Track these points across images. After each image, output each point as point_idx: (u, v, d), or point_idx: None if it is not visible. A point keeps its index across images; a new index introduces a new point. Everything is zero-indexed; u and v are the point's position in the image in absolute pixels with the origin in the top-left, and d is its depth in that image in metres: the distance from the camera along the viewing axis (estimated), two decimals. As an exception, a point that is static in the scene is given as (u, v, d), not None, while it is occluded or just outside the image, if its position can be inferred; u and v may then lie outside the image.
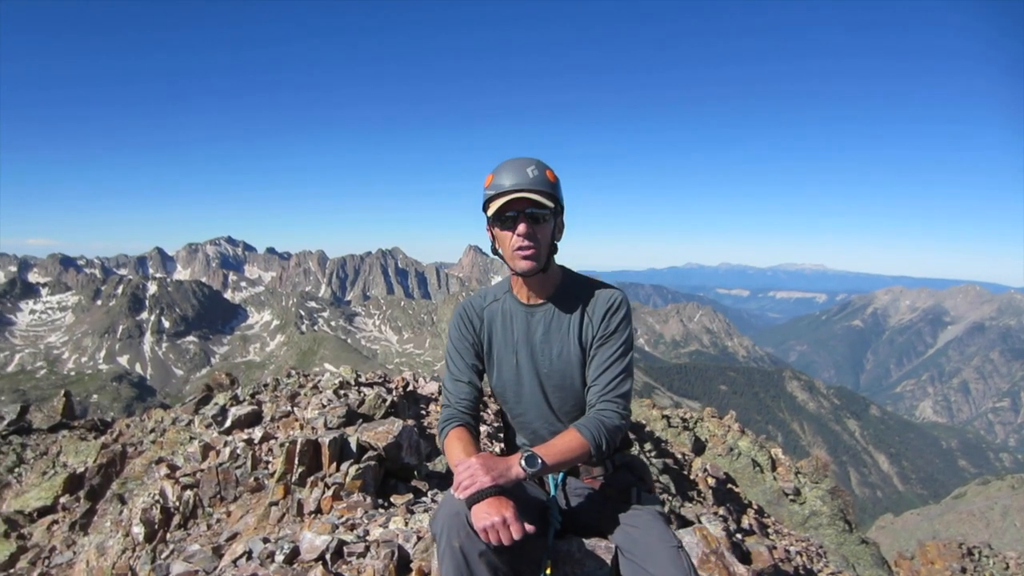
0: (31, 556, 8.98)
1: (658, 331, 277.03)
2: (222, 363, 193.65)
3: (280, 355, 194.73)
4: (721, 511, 9.58)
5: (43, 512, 10.09)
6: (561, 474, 2.52)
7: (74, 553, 8.01)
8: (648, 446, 10.95)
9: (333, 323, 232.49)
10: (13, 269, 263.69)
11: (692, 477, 10.96)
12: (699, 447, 12.95)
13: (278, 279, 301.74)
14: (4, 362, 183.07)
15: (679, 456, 11.83)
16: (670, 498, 8.93)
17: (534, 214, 2.31)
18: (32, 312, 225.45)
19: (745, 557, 7.64)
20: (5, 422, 13.88)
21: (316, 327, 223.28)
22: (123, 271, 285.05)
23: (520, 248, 2.33)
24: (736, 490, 11.66)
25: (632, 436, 10.92)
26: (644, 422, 13.07)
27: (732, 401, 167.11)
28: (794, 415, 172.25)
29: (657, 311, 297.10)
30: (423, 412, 7.34)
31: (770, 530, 10.39)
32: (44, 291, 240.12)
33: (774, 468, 12.77)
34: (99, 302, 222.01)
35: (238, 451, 5.45)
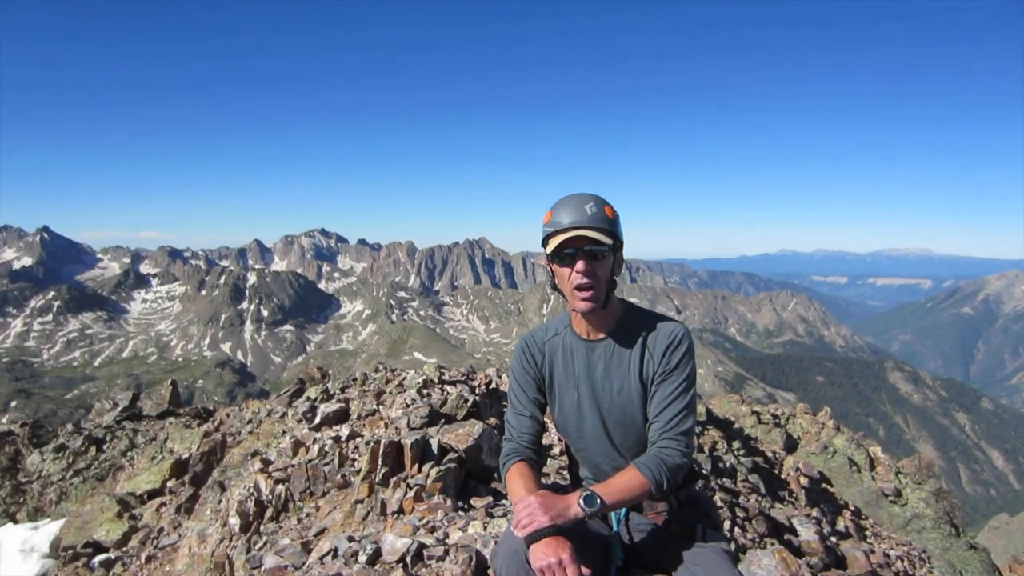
0: (141, 536, 9.62)
1: (750, 320, 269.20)
2: (316, 351, 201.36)
3: (371, 344, 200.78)
4: (815, 513, 9.23)
5: (152, 494, 10.78)
6: (624, 509, 2.46)
7: (179, 536, 8.52)
8: (736, 444, 10.66)
9: (422, 312, 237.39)
10: (127, 261, 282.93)
11: (783, 476, 10.61)
12: (791, 445, 12.51)
13: (369, 270, 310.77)
14: (119, 348, 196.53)
15: (769, 454, 11.47)
16: (760, 498, 8.67)
17: (593, 251, 2.29)
18: (144, 301, 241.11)
19: (840, 562, 7.34)
20: (119, 409, 14.89)
21: (406, 316, 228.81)
22: (225, 262, 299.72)
23: (579, 286, 2.31)
24: (831, 490, 11.21)
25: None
26: (732, 418, 12.72)
27: (829, 393, 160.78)
28: (897, 408, 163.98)
29: (749, 300, 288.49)
30: (505, 410, 7.38)
31: (868, 533, 9.94)
32: (154, 281, 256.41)
33: (872, 467, 12.19)
34: (203, 292, 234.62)
35: (326, 448, 5.63)
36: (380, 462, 4.70)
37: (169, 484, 10.74)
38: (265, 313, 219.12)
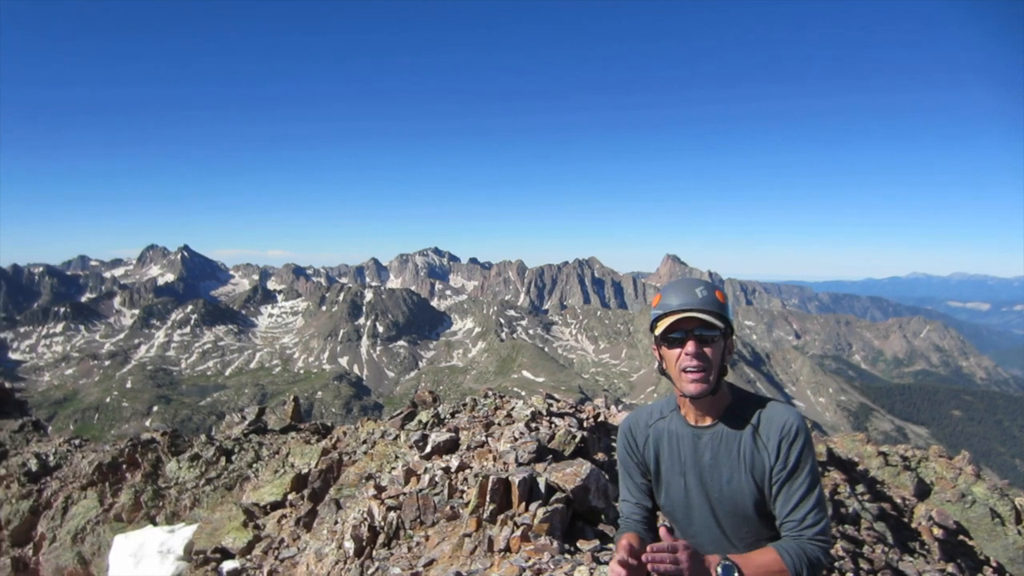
0: (264, 545, 10.15)
1: (877, 347, 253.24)
2: (428, 367, 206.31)
3: (481, 361, 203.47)
4: (950, 568, 8.55)
5: (274, 506, 11.38)
6: None
7: (298, 549, 8.92)
8: (861, 488, 10.04)
9: (531, 331, 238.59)
10: (256, 278, 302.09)
11: (914, 526, 9.89)
12: (923, 491, 11.63)
13: (480, 288, 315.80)
14: (248, 359, 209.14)
15: (898, 501, 10.72)
16: (887, 549, 8.11)
17: (703, 335, 2.28)
18: (270, 316, 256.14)
19: (979, 626, 6.74)
20: (247, 422, 15.83)
21: (515, 335, 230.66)
22: (344, 279, 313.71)
23: (687, 369, 2.28)
24: (970, 543, 10.33)
25: (843, 476, 10.08)
26: (856, 459, 11.98)
27: (968, 428, 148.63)
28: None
29: (876, 325, 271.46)
30: (613, 444, 7.30)
31: (1012, 595, 9.10)
32: (280, 297, 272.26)
33: (1018, 520, 11.15)
34: (324, 308, 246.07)
35: (436, 479, 5.77)
36: (488, 498, 4.77)
37: (290, 497, 11.31)
38: (380, 329, 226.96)
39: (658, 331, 2.34)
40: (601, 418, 7.98)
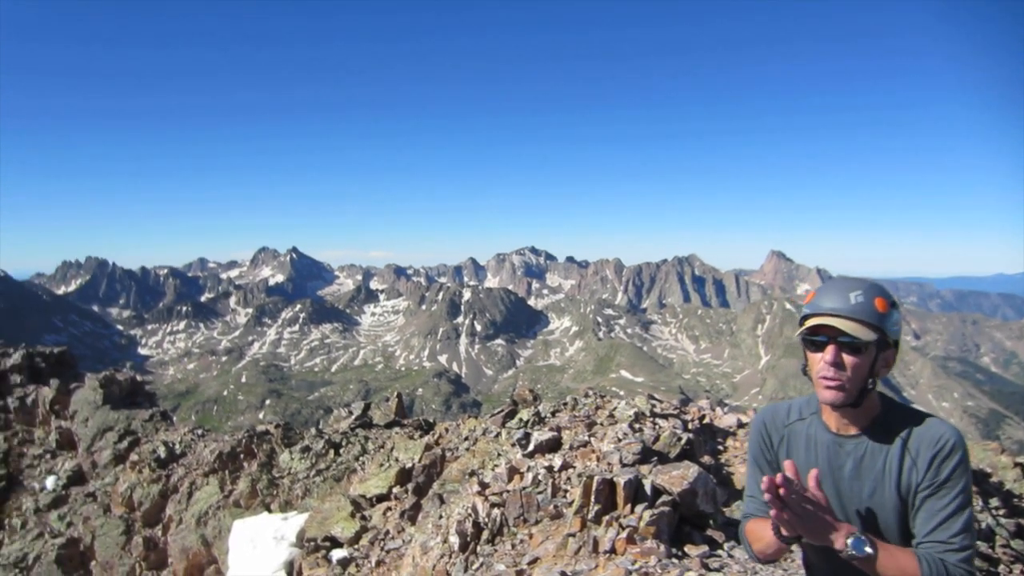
0: (370, 536, 10.50)
1: (1009, 348, 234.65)
2: (526, 365, 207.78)
3: (578, 360, 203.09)
4: (1095, 591, 7.80)
5: (380, 498, 11.74)
6: None
7: (403, 541, 9.17)
8: (994, 501, 9.31)
9: (629, 330, 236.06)
10: (359, 278, 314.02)
11: (1055, 544, 9.10)
12: (1064, 506, 10.68)
13: (577, 287, 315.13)
14: (352, 356, 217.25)
15: (1035, 516, 9.89)
16: None
17: (847, 342, 2.09)
18: (373, 315, 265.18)
19: None
20: (353, 417, 16.41)
21: (612, 334, 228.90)
22: (443, 279, 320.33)
23: (825, 376, 2.12)
24: (1123, 566, 9.41)
25: (975, 489, 9.38)
26: (988, 470, 11.13)
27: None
28: None
29: (1007, 325, 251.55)
30: (720, 447, 7.10)
31: None
32: (382, 297, 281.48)
33: None
34: (424, 307, 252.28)
35: (539, 477, 5.78)
36: (593, 498, 4.73)
37: (394, 490, 11.64)
38: (478, 327, 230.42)
39: (801, 332, 2.20)
40: (706, 420, 7.78)
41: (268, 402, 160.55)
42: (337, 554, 10.08)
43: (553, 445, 6.75)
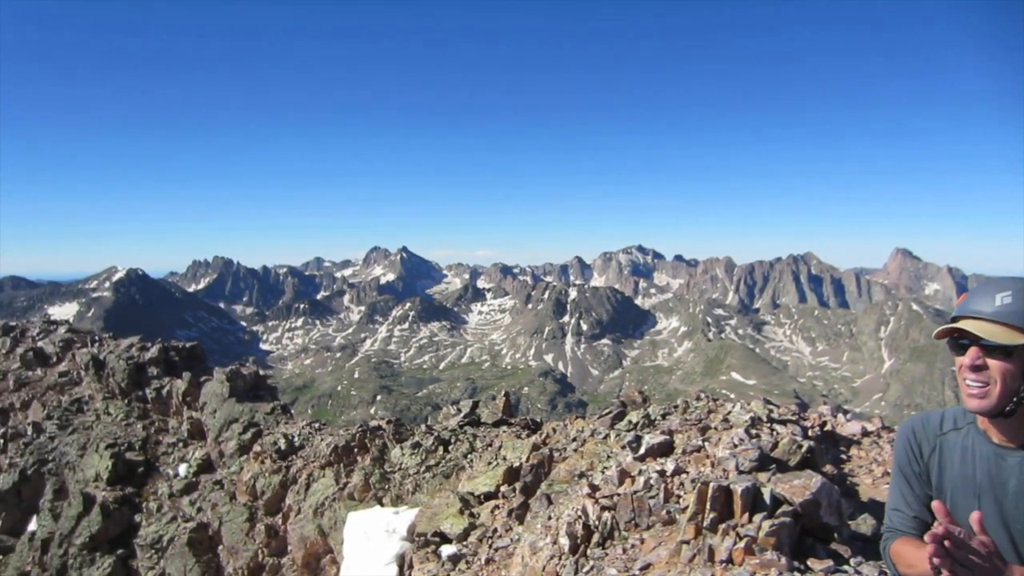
0: (479, 533, 10.63)
1: None
2: (632, 366, 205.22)
3: (687, 361, 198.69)
4: None
5: (487, 496, 11.87)
6: None
7: (511, 540, 9.22)
8: None
9: (740, 331, 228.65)
10: (467, 277, 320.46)
11: None
12: None
13: (685, 286, 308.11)
14: (459, 354, 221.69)
15: None
16: None
17: (992, 346, 1.92)
18: (480, 313, 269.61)
19: None
20: (462, 414, 16.69)
21: (723, 335, 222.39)
22: (549, 278, 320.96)
23: (966, 380, 1.97)
24: None
25: None
26: None
27: None
28: None
29: None
30: (843, 456, 6.73)
31: None
32: (488, 295, 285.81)
33: None
34: (530, 306, 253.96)
35: (651, 481, 5.66)
36: (708, 505, 4.58)
37: (502, 489, 11.74)
38: (584, 327, 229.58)
39: (940, 332, 2.07)
40: (828, 427, 7.39)
41: (379, 398, 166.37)
42: (447, 550, 10.26)
43: (665, 449, 6.60)
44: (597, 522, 5.72)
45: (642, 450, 6.57)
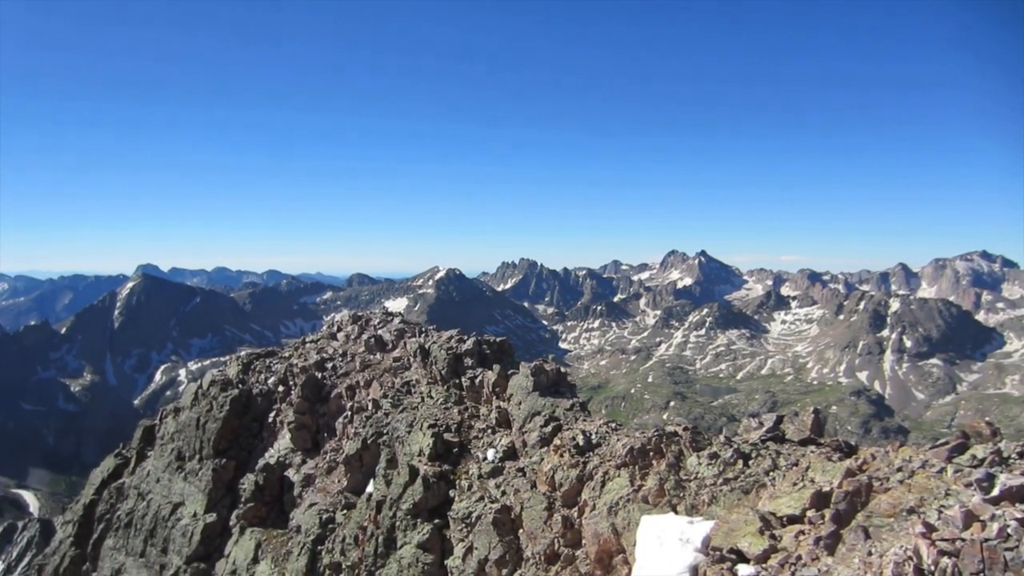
0: (780, 557, 9.86)
1: None
2: (970, 392, 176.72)
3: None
4: None
5: (791, 519, 10.97)
6: None
7: (819, 571, 8.40)
8: None
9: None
10: (769, 283, 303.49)
11: None
12: None
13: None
14: (759, 365, 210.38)
15: None
16: None
17: None
18: (783, 322, 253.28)
19: None
20: (764, 429, 15.70)
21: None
22: (865, 287, 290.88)
23: None
24: None
25: None
26: None
27: None
28: None
29: None
30: None
31: None
32: (793, 304, 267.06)
33: None
34: (841, 316, 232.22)
35: (1009, 530, 4.71)
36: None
37: (809, 513, 10.76)
38: (908, 343, 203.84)
39: None
40: None
41: (672, 403, 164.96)
42: (744, 570, 9.71)
43: (1027, 493, 5.46)
44: (933, 567, 4.92)
45: (996, 491, 5.50)
